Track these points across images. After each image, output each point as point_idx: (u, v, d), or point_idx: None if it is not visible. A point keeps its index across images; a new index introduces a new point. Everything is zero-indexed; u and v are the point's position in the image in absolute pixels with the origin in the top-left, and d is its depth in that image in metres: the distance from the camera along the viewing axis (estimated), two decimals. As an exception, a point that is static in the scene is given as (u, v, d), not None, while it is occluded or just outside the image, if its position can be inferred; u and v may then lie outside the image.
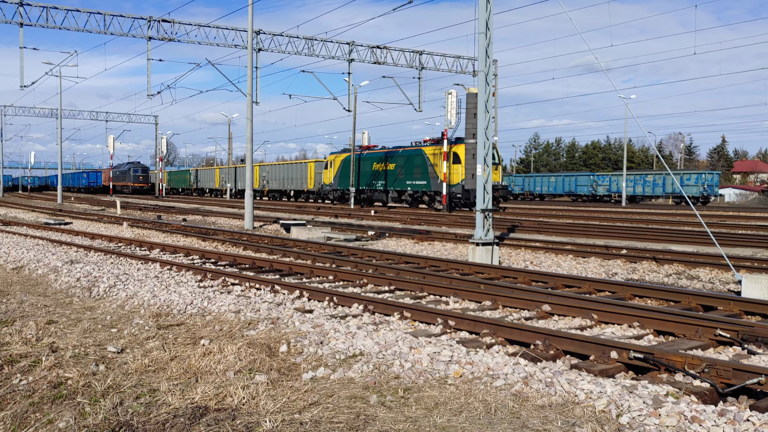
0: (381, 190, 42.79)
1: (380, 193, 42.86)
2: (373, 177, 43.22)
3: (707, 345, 6.71)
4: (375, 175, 43.10)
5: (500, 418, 4.53)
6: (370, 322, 7.55)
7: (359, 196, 44.74)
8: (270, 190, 61.04)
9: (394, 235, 19.79)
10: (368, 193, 44.22)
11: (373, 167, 43.33)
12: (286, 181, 57.55)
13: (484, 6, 14.11)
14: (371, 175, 43.64)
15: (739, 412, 4.47)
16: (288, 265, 12.36)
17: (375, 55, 39.72)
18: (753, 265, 12.57)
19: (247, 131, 24.77)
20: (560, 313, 8.26)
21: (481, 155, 14.26)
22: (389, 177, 41.74)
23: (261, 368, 5.71)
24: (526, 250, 16.01)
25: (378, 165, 42.83)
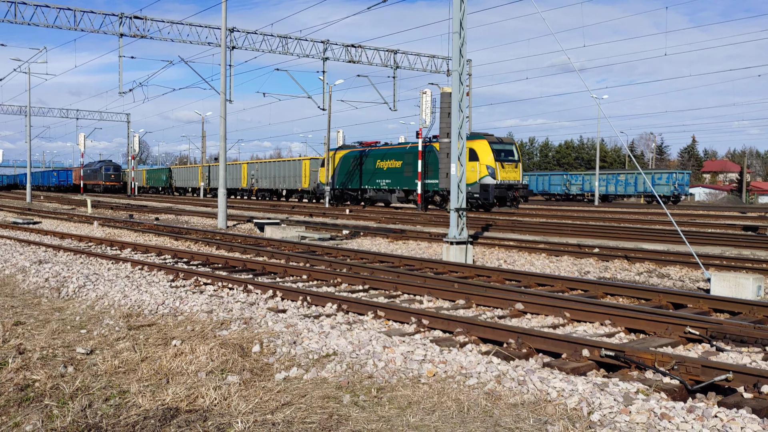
0: (386, 190, 39.77)
1: (385, 193, 39.91)
2: (377, 175, 40.15)
3: (677, 342, 6.80)
4: (379, 173, 40.03)
5: (473, 417, 4.54)
6: (344, 322, 7.53)
7: (360, 196, 42.11)
8: (260, 190, 58.09)
9: (368, 234, 19.78)
10: (371, 192, 41.14)
11: (377, 165, 40.32)
12: (278, 179, 54.76)
13: (458, 6, 14.15)
14: (375, 173, 40.49)
15: (707, 409, 4.53)
16: (261, 264, 12.28)
17: (350, 54, 39.65)
18: (722, 264, 12.77)
19: (221, 129, 24.58)
20: (533, 311, 8.31)
21: (455, 154, 14.30)
22: (395, 175, 38.87)
23: (233, 369, 5.66)
24: (500, 248, 16.10)
25: (383, 162, 39.92)
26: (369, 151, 41.34)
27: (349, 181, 42.74)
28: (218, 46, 35.76)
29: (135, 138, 72.56)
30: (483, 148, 33.04)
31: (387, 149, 40.18)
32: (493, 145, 33.15)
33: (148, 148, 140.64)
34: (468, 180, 32.71)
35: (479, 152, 33.09)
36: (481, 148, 33.07)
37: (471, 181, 33.16)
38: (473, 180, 33.14)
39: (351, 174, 42.34)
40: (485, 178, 32.69)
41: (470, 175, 33.20)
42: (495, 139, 33.75)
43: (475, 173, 33.11)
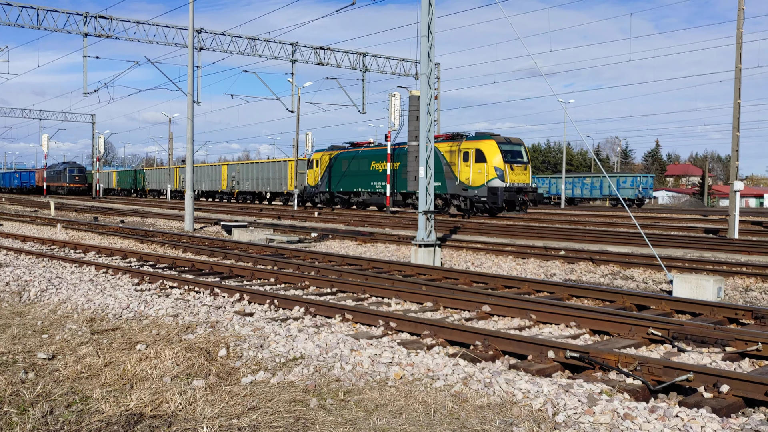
0: (381, 193, 37.61)
1: (380, 196, 37.72)
2: (372, 177, 38.00)
3: (640, 343, 6.91)
4: (373, 175, 37.96)
5: (439, 419, 4.56)
6: (312, 325, 7.51)
7: (353, 200, 40.02)
8: (241, 192, 55.60)
9: (337, 237, 19.75)
10: (365, 195, 39.02)
11: (371, 166, 38.19)
12: (261, 181, 52.20)
13: (426, 9, 14.22)
14: (369, 175, 38.33)
15: (668, 409, 4.61)
16: (229, 267, 12.19)
17: (319, 56, 39.58)
18: (684, 265, 13.01)
19: (188, 131, 24.34)
20: (500, 313, 8.38)
21: (423, 157, 14.36)
22: (392, 177, 36.42)
23: (199, 373, 5.61)
24: (468, 251, 16.20)
25: (378, 164, 37.72)
26: (363, 152, 39.32)
27: (340, 184, 40.64)
28: (185, 47, 35.43)
29: (100, 139, 71.38)
30: (491, 148, 31.00)
31: (382, 150, 37.95)
32: (502, 146, 31.13)
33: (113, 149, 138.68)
34: (474, 182, 31.41)
35: (487, 153, 31.01)
36: (488, 148, 31.06)
37: (478, 183, 31.31)
38: (480, 183, 31.16)
39: (342, 176, 40.29)
40: (493, 181, 30.62)
41: (477, 178, 31.38)
42: (503, 139, 31.80)
43: (483, 175, 31.03)
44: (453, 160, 32.58)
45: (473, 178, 31.40)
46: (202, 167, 63.29)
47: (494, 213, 32.23)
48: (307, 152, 52.14)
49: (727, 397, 5.04)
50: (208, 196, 61.88)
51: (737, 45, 21.84)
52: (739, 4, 21.79)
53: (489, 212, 32.15)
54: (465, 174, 31.76)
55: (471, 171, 31.42)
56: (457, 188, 32.14)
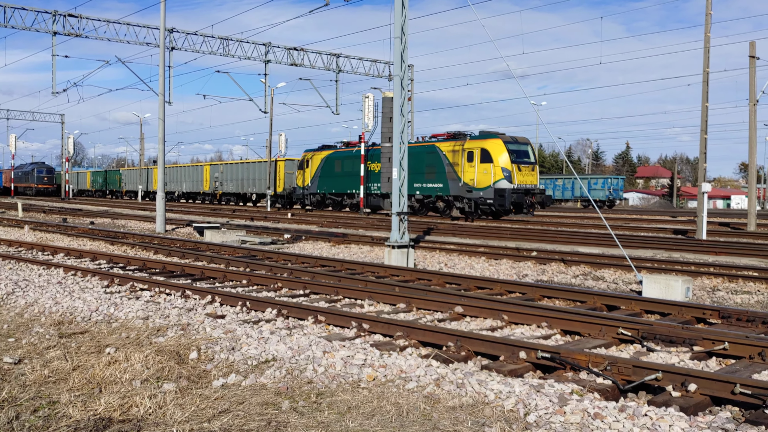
0: (377, 195, 36.05)
1: (376, 198, 36.23)
2: (366, 178, 36.40)
3: (610, 343, 6.99)
4: (370, 176, 36.36)
5: (412, 421, 4.56)
6: (284, 327, 7.47)
7: (346, 202, 38.59)
8: (224, 194, 53.65)
9: (310, 238, 19.68)
10: (358, 197, 37.37)
11: (368, 167, 36.65)
12: (247, 182, 50.26)
13: (399, 11, 14.24)
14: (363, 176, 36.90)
15: (638, 408, 4.67)
16: (200, 269, 12.08)
17: (292, 57, 39.43)
18: (653, 266, 13.20)
19: (159, 131, 24.08)
20: (472, 314, 8.41)
21: (397, 159, 14.38)
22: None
23: (169, 376, 5.54)
24: (441, 252, 16.25)
25: (373, 164, 36.24)
26: (357, 151, 37.87)
27: (333, 185, 39.06)
28: (157, 46, 35.05)
29: (69, 139, 70.26)
30: (497, 148, 29.60)
31: (378, 149, 36.05)
32: (509, 145, 29.78)
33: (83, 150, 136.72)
34: (480, 184, 30.05)
35: (493, 153, 29.56)
36: (494, 148, 29.65)
37: (483, 185, 29.88)
38: (486, 184, 29.74)
39: (335, 177, 38.69)
40: (500, 182, 29.21)
41: (482, 179, 29.94)
42: (509, 138, 30.48)
43: (489, 176, 29.58)
44: (456, 160, 31.27)
45: (478, 179, 30.05)
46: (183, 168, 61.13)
47: (499, 216, 30.92)
48: (281, 153, 51.60)
49: (695, 395, 5.12)
50: (190, 198, 59.89)
51: (705, 49, 22.23)
52: (707, 9, 22.17)
53: (494, 215, 30.78)
54: (469, 175, 30.43)
55: (476, 172, 30.07)
56: (461, 190, 30.86)
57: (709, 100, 22.38)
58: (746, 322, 7.84)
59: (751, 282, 11.57)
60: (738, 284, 11.53)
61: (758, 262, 14.73)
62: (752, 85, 26.70)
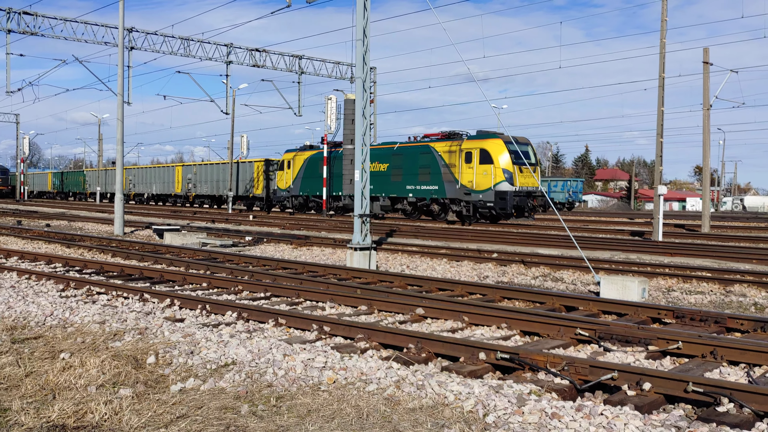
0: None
1: None
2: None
3: (568, 344, 7.09)
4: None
5: (372, 423, 4.57)
6: (244, 330, 7.40)
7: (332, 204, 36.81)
8: (198, 196, 51.73)
9: (272, 241, 19.56)
10: (346, 200, 35.41)
11: None
12: (223, 184, 48.46)
13: (361, 13, 14.25)
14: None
15: (594, 407, 4.75)
16: (159, 272, 11.91)
17: (254, 58, 39.15)
18: (611, 267, 13.43)
19: (118, 132, 23.69)
20: (433, 316, 8.46)
21: (359, 161, 14.38)
22: (379, 180, 33.31)
23: (126, 381, 5.45)
24: (403, 254, 16.30)
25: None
26: (344, 152, 36.09)
27: (317, 187, 37.63)
28: (116, 46, 34.46)
29: (25, 140, 68.58)
30: (497, 148, 28.39)
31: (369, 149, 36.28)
32: (509, 145, 28.42)
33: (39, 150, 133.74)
34: (479, 186, 28.73)
35: (493, 153, 28.26)
36: (495, 148, 28.42)
37: (483, 187, 28.53)
38: (486, 186, 28.40)
39: (319, 179, 37.37)
40: (501, 184, 27.92)
41: (482, 181, 28.60)
42: (509, 137, 29.09)
43: (489, 178, 28.27)
44: (453, 161, 29.86)
45: (477, 182, 28.73)
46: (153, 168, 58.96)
47: (497, 220, 29.81)
48: (243, 155, 51.11)
49: (649, 394, 5.23)
50: (160, 200, 57.72)
51: (660, 55, 22.72)
52: (662, 15, 22.66)
53: (492, 219, 29.63)
54: (467, 177, 29.14)
55: (475, 173, 28.78)
56: (458, 192, 29.45)
57: (665, 105, 22.87)
58: (699, 321, 8.03)
59: (705, 282, 11.86)
60: (692, 285, 11.80)
61: (711, 263, 15.10)
62: (706, 90, 27.38)
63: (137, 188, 60.36)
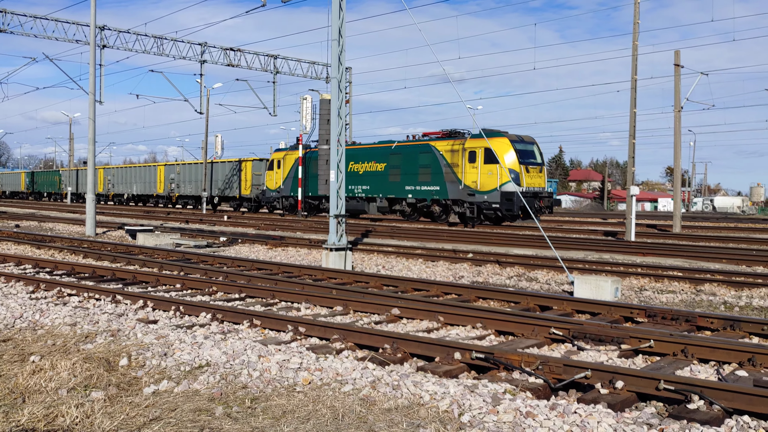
0: (361, 198, 32.95)
1: (360, 202, 33.03)
2: (350, 180, 33.26)
3: (542, 343, 7.14)
4: (352, 177, 33.20)
5: (347, 424, 4.56)
6: (218, 331, 7.35)
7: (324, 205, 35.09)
8: (181, 197, 50.18)
9: (247, 241, 19.44)
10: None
11: (349, 168, 33.12)
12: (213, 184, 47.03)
13: (336, 13, 14.23)
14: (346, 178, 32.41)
15: (568, 405, 4.79)
16: (132, 273, 11.77)
17: (228, 58, 38.89)
18: (584, 267, 13.57)
19: (89, 131, 23.37)
20: (409, 316, 8.47)
21: (334, 161, 14.35)
22: (376, 180, 32.26)
23: (98, 384, 5.38)
24: (379, 254, 16.30)
25: (358, 165, 33.19)
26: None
27: (310, 188, 36.12)
28: (87, 44, 34.00)
29: (-7, 139, 67.22)
30: (503, 147, 27.25)
31: (364, 149, 33.72)
32: (515, 144, 27.57)
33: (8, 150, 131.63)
34: (483, 187, 27.54)
35: (499, 152, 26.96)
36: (500, 147, 27.19)
37: (488, 188, 27.36)
38: (491, 187, 27.26)
39: (312, 178, 35.80)
40: (507, 185, 26.74)
41: (487, 181, 27.43)
42: (515, 136, 28.10)
43: (494, 178, 27.18)
44: (455, 160, 28.72)
45: (482, 182, 27.60)
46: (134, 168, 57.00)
47: (501, 222, 28.62)
48: (217, 155, 50.66)
49: (622, 392, 5.28)
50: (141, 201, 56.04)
51: (633, 57, 23.00)
52: (635, 18, 22.95)
53: (496, 221, 28.46)
54: (471, 177, 28.04)
55: (479, 173, 27.72)
56: (461, 193, 28.23)
57: (637, 106, 23.17)
58: (671, 320, 8.14)
59: (676, 282, 12.03)
60: (664, 284, 11.97)
61: (682, 262, 15.33)
62: (677, 92, 27.77)
63: (117, 188, 58.53)
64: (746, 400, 4.86)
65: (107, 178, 59.30)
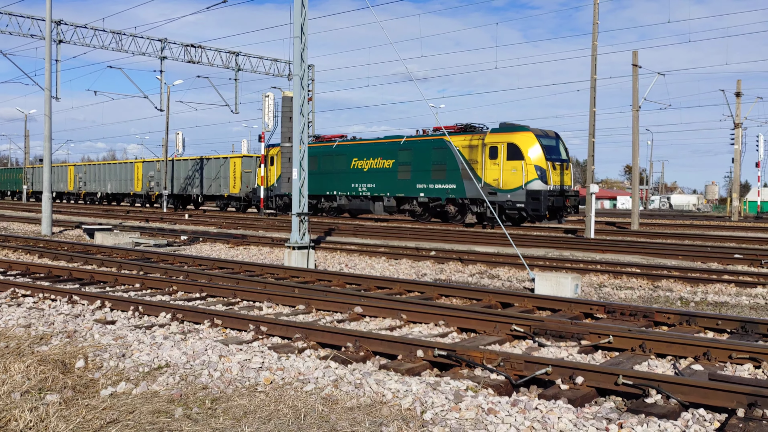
0: (366, 197, 31.03)
1: (365, 201, 31.16)
2: (353, 178, 31.46)
3: (504, 340, 7.20)
4: (356, 175, 31.34)
5: (309, 423, 4.53)
6: (179, 332, 7.24)
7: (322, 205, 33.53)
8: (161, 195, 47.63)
9: (208, 240, 19.22)
10: (342, 200, 32.28)
11: (352, 164, 31.45)
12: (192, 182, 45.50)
13: (299, 10, 14.14)
14: (349, 175, 31.83)
15: (529, 401, 4.83)
16: (90, 273, 11.53)
17: (189, 54, 38.35)
18: (545, 264, 13.72)
19: (45, 129, 22.85)
20: (372, 314, 8.46)
21: (297, 159, 14.27)
22: (383, 178, 30.29)
23: (53, 387, 5.25)
24: (342, 252, 16.26)
25: (362, 161, 31.15)
26: (339, 146, 32.86)
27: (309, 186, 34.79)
28: (43, 38, 33.19)
29: (-56, 136, 65.12)
30: (528, 142, 25.47)
31: (370, 144, 31.67)
32: (541, 139, 25.81)
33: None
34: (506, 185, 25.80)
35: (523, 148, 25.36)
36: (525, 142, 25.51)
37: (512, 186, 25.58)
38: (516, 185, 25.48)
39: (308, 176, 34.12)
40: (533, 183, 25.14)
41: (510, 179, 25.67)
42: (540, 131, 26.34)
43: (519, 176, 25.46)
44: (474, 156, 26.88)
45: (505, 180, 25.89)
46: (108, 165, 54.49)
47: (521, 222, 27.00)
48: (178, 152, 49.92)
49: (582, 388, 5.35)
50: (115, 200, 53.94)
51: (592, 57, 23.35)
52: (594, 19, 23.30)
53: (517, 222, 26.74)
54: (493, 174, 26.34)
55: (501, 170, 25.98)
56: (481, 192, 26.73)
57: (597, 106, 23.53)
58: (629, 316, 8.28)
59: (634, 278, 12.25)
60: (622, 280, 12.17)
61: (640, 259, 15.62)
62: (635, 91, 28.29)
63: (89, 187, 55.77)
64: (702, 394, 4.97)
65: (78, 176, 56.68)
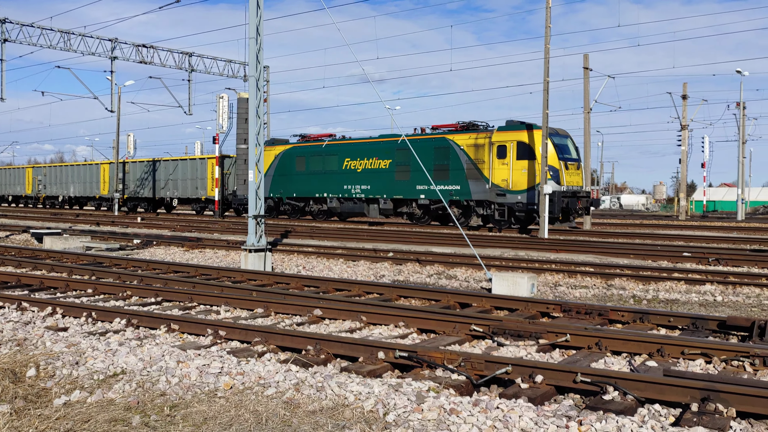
0: (359, 199, 29.65)
1: (358, 203, 29.77)
2: (346, 179, 30.09)
3: (464, 340, 7.24)
4: (349, 176, 30.01)
5: (271, 428, 4.48)
6: (134, 337, 7.09)
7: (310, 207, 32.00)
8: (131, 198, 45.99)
9: (162, 243, 18.88)
10: (334, 202, 30.78)
11: (344, 165, 30.08)
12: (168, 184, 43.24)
13: (254, 11, 14.01)
14: (341, 176, 30.38)
15: (490, 401, 4.87)
16: (39, 279, 11.21)
17: (141, 54, 37.65)
18: (502, 264, 13.87)
19: (-10, 130, 22.13)
20: (331, 316, 8.42)
21: (253, 160, 14.13)
22: (379, 179, 28.91)
23: (3, 397, 5.08)
24: (299, 255, 16.16)
25: (356, 161, 29.79)
26: (329, 146, 31.18)
27: (292, 188, 32.29)
28: (-14, 37, 32.19)
29: None
30: (539, 140, 24.35)
31: (363, 143, 30.11)
32: (554, 138, 24.63)
33: None
34: (517, 186, 24.79)
35: (534, 146, 24.50)
36: (536, 140, 24.62)
37: (522, 187, 24.57)
38: (527, 186, 24.52)
39: (296, 177, 32.16)
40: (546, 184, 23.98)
41: (521, 179, 24.59)
42: (551, 129, 24.81)
43: (525, 178, 24.69)
44: (480, 156, 25.71)
45: (514, 180, 24.78)
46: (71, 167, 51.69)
47: (527, 224, 25.77)
48: (129, 154, 48.87)
49: (542, 386, 5.42)
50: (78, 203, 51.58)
51: (545, 60, 23.71)
52: (546, 22, 23.67)
53: (524, 224, 25.60)
54: (501, 174, 25.16)
55: (510, 170, 24.86)
56: (489, 193, 25.36)
57: (550, 108, 23.90)
58: (585, 314, 8.42)
59: (588, 277, 12.47)
60: (577, 279, 12.38)
61: (593, 258, 15.91)
62: (586, 94, 28.83)
63: (49, 190, 52.84)
64: (657, 390, 5.08)
65: (37, 179, 53.71)
